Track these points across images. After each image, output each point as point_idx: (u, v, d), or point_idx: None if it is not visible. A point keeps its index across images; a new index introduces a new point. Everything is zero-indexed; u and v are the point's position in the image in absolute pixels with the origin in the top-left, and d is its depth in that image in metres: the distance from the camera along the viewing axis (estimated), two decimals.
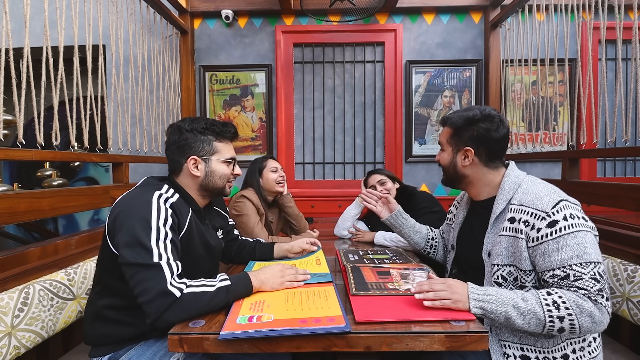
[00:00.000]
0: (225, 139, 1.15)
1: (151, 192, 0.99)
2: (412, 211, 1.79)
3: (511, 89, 2.57)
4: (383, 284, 1.02)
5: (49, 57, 1.36)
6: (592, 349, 0.94)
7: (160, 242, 0.92)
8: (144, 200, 0.97)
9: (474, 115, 1.04)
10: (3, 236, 3.54)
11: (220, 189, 1.15)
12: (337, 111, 2.67)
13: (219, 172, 1.12)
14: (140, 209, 0.94)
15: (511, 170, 1.06)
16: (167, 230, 0.95)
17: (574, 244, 0.87)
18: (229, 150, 1.16)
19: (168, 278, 0.88)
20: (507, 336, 0.95)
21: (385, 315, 0.83)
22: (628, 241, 1.33)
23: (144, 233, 0.91)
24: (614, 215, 2.07)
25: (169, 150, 1.12)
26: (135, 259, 0.88)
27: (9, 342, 0.98)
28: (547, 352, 0.92)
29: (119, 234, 0.93)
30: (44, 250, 1.28)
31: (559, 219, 0.89)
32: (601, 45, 1.77)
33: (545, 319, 0.83)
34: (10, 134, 2.86)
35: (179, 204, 1.03)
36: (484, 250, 1.03)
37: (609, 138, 1.62)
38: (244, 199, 1.69)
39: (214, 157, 1.12)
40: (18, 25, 1.29)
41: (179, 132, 1.10)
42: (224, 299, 0.90)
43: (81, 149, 1.62)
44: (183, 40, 2.54)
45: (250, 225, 1.63)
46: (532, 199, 0.95)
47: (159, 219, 0.95)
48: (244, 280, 0.97)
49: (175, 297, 0.86)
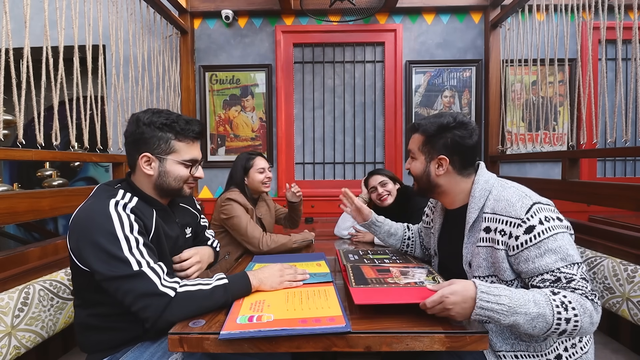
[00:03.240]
0: (186, 138, 1.02)
1: (106, 202, 0.92)
2: (411, 212, 1.79)
3: (511, 89, 2.57)
4: (383, 279, 1.02)
5: (49, 57, 1.36)
6: (582, 344, 0.94)
7: (134, 249, 0.88)
8: (101, 213, 0.90)
9: (448, 123, 1.00)
10: (3, 236, 3.54)
11: (175, 191, 1.04)
12: (337, 111, 2.67)
13: (174, 174, 1.02)
14: (100, 223, 0.88)
15: (480, 175, 1.02)
16: (136, 236, 0.90)
17: (556, 247, 0.85)
18: (189, 150, 1.03)
19: (157, 281, 0.86)
20: (500, 345, 0.93)
21: (383, 299, 0.83)
22: (628, 241, 1.33)
23: (113, 246, 0.86)
24: (614, 215, 2.07)
25: (125, 142, 1.03)
26: (113, 272, 0.84)
27: (9, 342, 0.98)
28: (541, 355, 0.91)
29: (86, 253, 0.87)
30: (44, 250, 1.28)
31: (535, 224, 0.87)
32: (601, 45, 1.78)
33: (553, 322, 0.79)
34: (10, 134, 2.86)
35: (140, 207, 0.97)
36: (464, 262, 1.01)
37: (609, 138, 1.62)
38: (229, 202, 1.64)
39: (170, 156, 1.01)
40: (18, 25, 1.29)
41: (136, 124, 0.99)
42: (222, 296, 0.89)
43: (81, 149, 1.62)
44: (183, 40, 2.54)
45: (243, 226, 1.60)
46: (505, 206, 0.92)
47: (124, 228, 0.89)
48: (242, 279, 0.96)
49: (170, 297, 0.85)
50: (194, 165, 1.06)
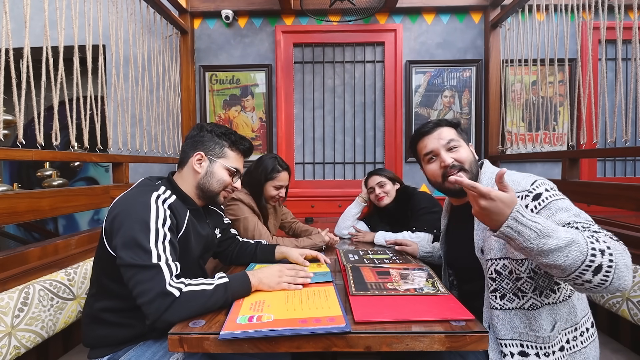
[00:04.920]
0: (237, 150, 1.17)
1: (149, 193, 0.99)
2: (412, 212, 1.79)
3: (511, 89, 2.57)
4: (382, 284, 1.02)
5: (49, 57, 1.36)
6: (584, 338, 0.95)
7: (159, 243, 0.92)
8: (142, 202, 0.96)
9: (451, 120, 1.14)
10: (3, 236, 3.54)
11: (214, 194, 1.14)
12: (337, 111, 2.67)
13: (218, 176, 1.13)
14: (139, 211, 0.94)
15: (486, 167, 1.09)
16: (165, 231, 0.95)
17: (565, 206, 0.89)
18: (236, 161, 1.17)
19: (167, 279, 0.88)
20: (505, 333, 0.94)
21: (384, 315, 0.83)
22: (628, 241, 1.33)
23: (142, 234, 0.91)
24: (614, 215, 2.07)
25: (185, 143, 1.17)
26: (133, 260, 0.88)
27: (9, 342, 0.98)
28: (547, 347, 0.92)
29: (117, 236, 0.92)
30: (44, 250, 1.28)
31: (542, 192, 0.92)
32: (601, 45, 1.78)
33: (587, 251, 0.74)
34: (10, 134, 2.86)
35: (177, 205, 1.04)
36: (476, 248, 1.02)
37: (609, 138, 1.62)
38: (236, 202, 1.63)
39: (220, 160, 1.13)
40: (18, 25, 1.29)
41: (200, 129, 1.15)
42: (222, 296, 0.90)
43: (81, 149, 1.62)
44: (183, 40, 2.54)
45: (250, 228, 1.58)
46: (510, 184, 0.94)
47: (158, 220, 0.95)
48: (242, 278, 0.98)
49: (175, 296, 0.86)
50: (236, 175, 1.18)
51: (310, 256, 1.32)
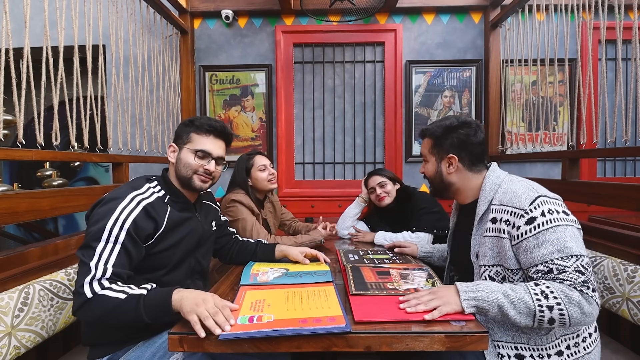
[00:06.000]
0: (202, 132, 1.14)
1: (129, 190, 1.03)
2: (412, 212, 1.79)
3: (511, 89, 2.57)
4: (382, 283, 1.02)
5: (49, 57, 1.36)
6: (586, 344, 0.94)
7: (110, 240, 0.94)
8: (119, 194, 1.00)
9: (452, 123, 1.08)
10: (3, 236, 3.54)
11: (187, 179, 1.12)
12: (337, 111, 2.67)
13: (184, 160, 1.12)
14: (101, 213, 0.97)
15: (492, 171, 1.08)
16: (120, 235, 0.95)
17: (554, 238, 0.87)
18: (202, 142, 1.14)
19: (87, 278, 0.89)
20: (500, 336, 0.95)
21: (384, 315, 0.83)
22: (628, 241, 1.33)
23: (94, 234, 0.94)
24: (614, 215, 2.07)
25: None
26: (79, 254, 0.93)
27: (9, 342, 0.98)
28: (542, 349, 0.92)
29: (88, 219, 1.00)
30: (44, 250, 1.28)
31: (537, 215, 0.90)
32: (601, 45, 1.78)
33: (535, 308, 0.83)
34: (10, 134, 2.86)
35: (156, 204, 1.05)
36: (472, 252, 1.05)
37: (609, 138, 1.62)
38: (235, 203, 1.63)
39: (186, 145, 1.14)
40: (18, 25, 1.29)
41: (180, 125, 1.19)
42: (132, 308, 0.86)
43: (81, 149, 1.62)
44: (183, 40, 2.54)
45: (248, 228, 1.59)
46: (511, 197, 0.96)
47: (122, 214, 0.96)
48: (164, 292, 0.89)
49: (86, 297, 0.88)
50: (205, 157, 1.14)
51: (310, 255, 1.32)
